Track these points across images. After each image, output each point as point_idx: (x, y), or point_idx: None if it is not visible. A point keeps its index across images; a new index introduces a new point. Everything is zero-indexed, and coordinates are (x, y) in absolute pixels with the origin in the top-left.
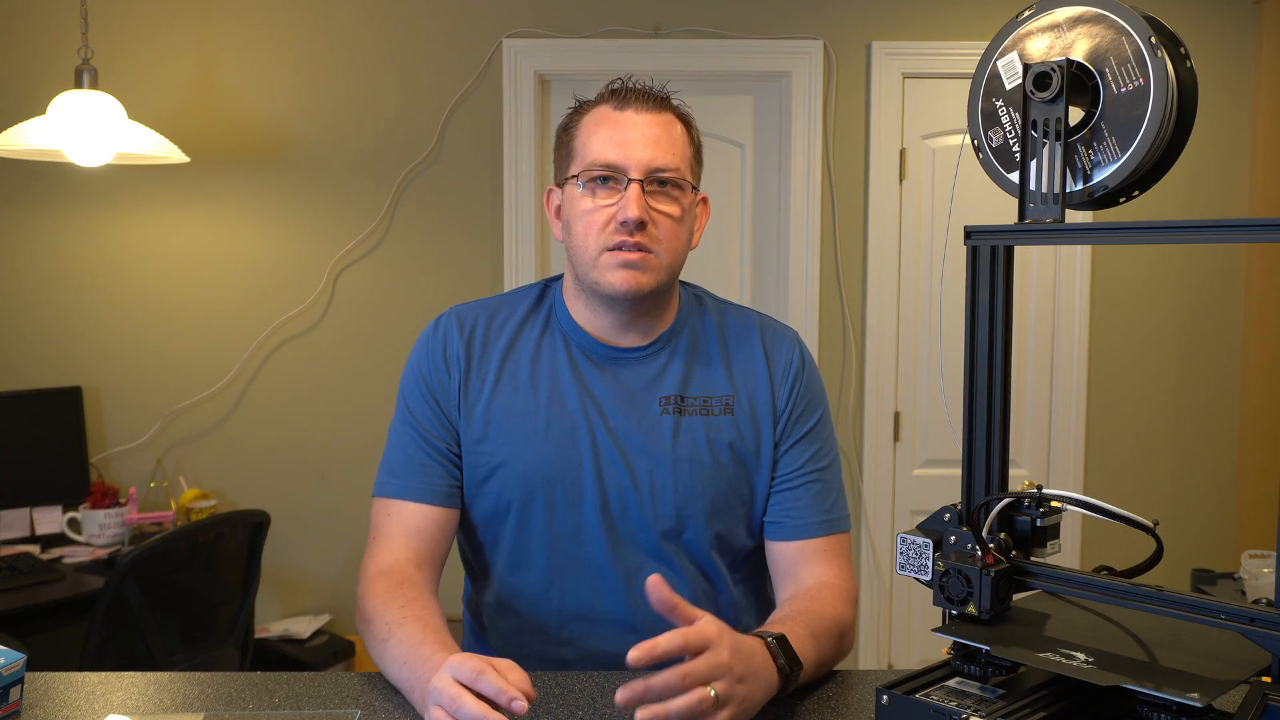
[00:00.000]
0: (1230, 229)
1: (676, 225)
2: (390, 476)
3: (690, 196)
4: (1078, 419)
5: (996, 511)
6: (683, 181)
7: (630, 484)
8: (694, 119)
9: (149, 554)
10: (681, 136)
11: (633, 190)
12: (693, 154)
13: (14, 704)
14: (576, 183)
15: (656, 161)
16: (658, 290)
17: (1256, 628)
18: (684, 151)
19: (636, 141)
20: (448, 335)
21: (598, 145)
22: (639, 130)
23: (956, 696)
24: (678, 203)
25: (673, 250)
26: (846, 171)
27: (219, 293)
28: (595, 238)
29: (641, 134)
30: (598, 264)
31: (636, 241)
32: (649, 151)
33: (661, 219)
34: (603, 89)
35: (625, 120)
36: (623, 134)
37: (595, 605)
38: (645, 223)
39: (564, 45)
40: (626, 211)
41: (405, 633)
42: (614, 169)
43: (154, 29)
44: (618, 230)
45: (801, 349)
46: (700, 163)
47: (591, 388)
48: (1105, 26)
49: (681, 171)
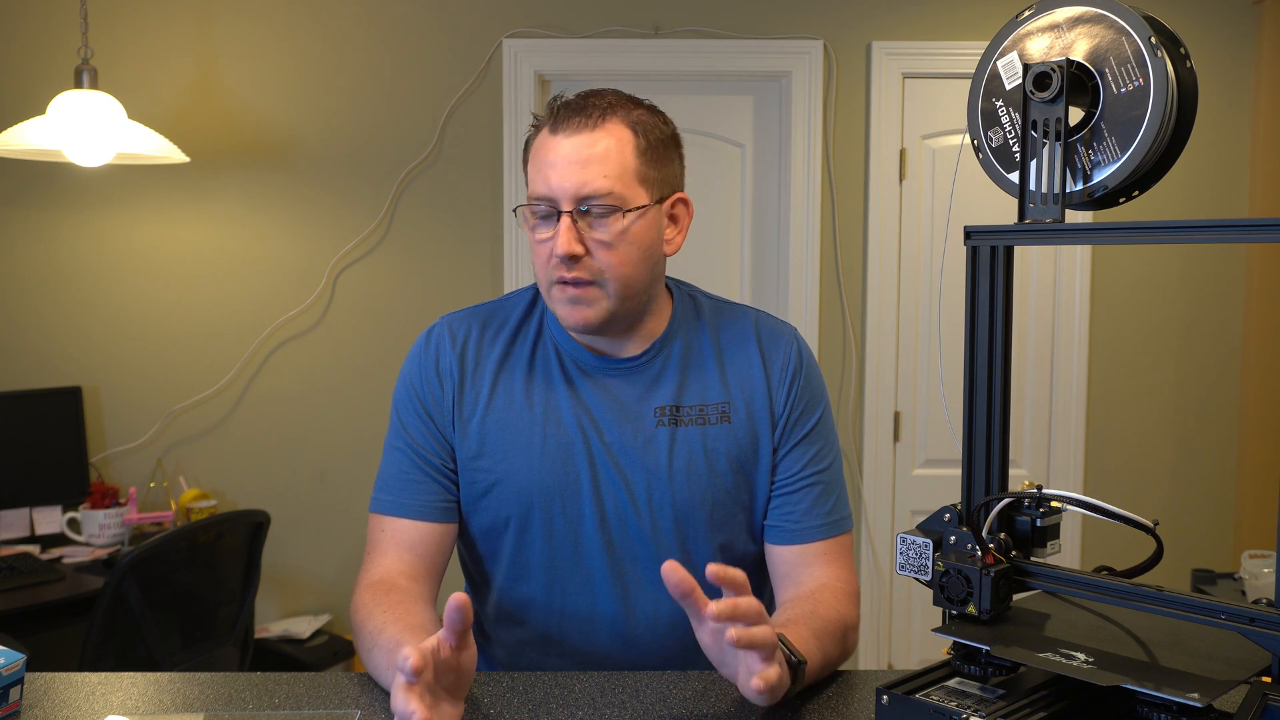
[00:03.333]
0: (1230, 229)
1: (618, 251)
2: (385, 492)
3: (632, 216)
4: (1078, 419)
5: (996, 511)
6: (619, 204)
7: (628, 499)
8: (654, 120)
9: (149, 554)
10: (622, 150)
11: (563, 223)
12: (640, 163)
13: (14, 704)
14: (524, 214)
15: (585, 189)
16: (613, 318)
17: (1256, 628)
18: (623, 167)
19: (565, 170)
20: (440, 347)
21: (533, 176)
22: (567, 156)
23: (956, 696)
24: (614, 228)
25: (620, 276)
26: (846, 171)
27: (219, 293)
28: (543, 272)
29: (571, 159)
30: (550, 298)
31: (575, 275)
32: (576, 179)
33: (600, 248)
34: (546, 105)
35: (555, 147)
36: (552, 163)
37: (595, 616)
38: (578, 256)
39: (564, 45)
40: (556, 247)
41: (386, 637)
42: (547, 201)
43: (154, 29)
44: (557, 265)
45: (799, 346)
46: (665, 162)
47: (586, 401)
48: (1105, 26)
49: (616, 193)
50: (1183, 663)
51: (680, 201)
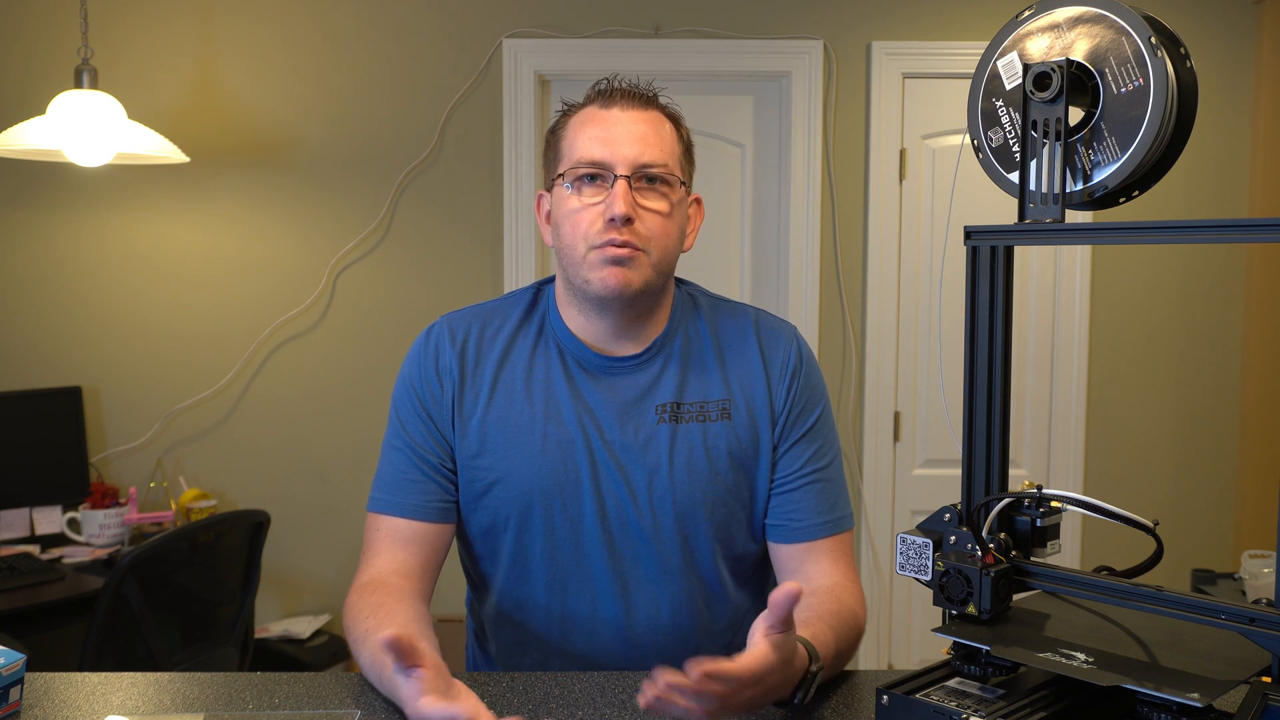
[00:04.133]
0: (1230, 229)
1: (666, 222)
2: (382, 492)
3: (680, 193)
4: (1078, 419)
5: (996, 511)
6: (671, 177)
7: (629, 497)
8: (683, 119)
9: (149, 554)
10: (670, 134)
11: (619, 186)
12: (682, 152)
13: (14, 704)
14: (564, 182)
15: (644, 157)
16: (647, 289)
17: (1256, 628)
18: (672, 148)
19: (623, 138)
20: (439, 346)
21: (583, 144)
22: (625, 127)
23: (956, 696)
24: (666, 199)
25: (662, 248)
26: (846, 171)
27: (219, 293)
28: (583, 236)
29: (628, 130)
30: (586, 262)
31: (625, 239)
32: (635, 148)
33: (650, 216)
34: (589, 90)
35: (611, 118)
36: (608, 131)
37: (596, 617)
38: (632, 219)
39: (564, 45)
40: (613, 208)
41: (374, 640)
42: (600, 166)
43: (154, 29)
44: (606, 228)
45: (799, 344)
46: (691, 162)
47: (587, 399)
48: (1105, 26)
49: (670, 167)
50: (1183, 663)
51: (696, 202)
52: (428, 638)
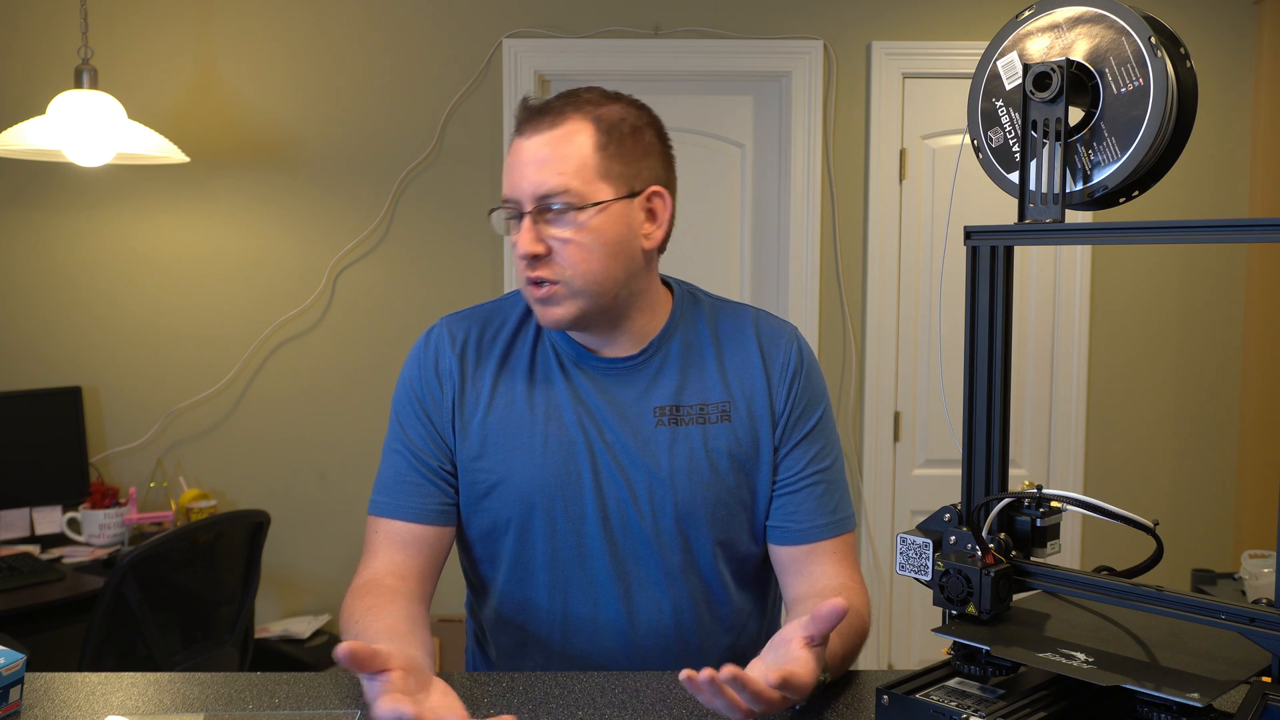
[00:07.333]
0: (1230, 229)
1: (579, 247)
2: (382, 495)
3: (591, 211)
4: (1078, 419)
5: (996, 511)
6: (577, 200)
7: (630, 498)
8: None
9: (149, 554)
10: (580, 146)
11: (524, 225)
12: (601, 159)
13: (14, 704)
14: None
15: (542, 188)
16: (584, 315)
17: (1256, 628)
18: (582, 163)
19: (524, 170)
20: (439, 349)
21: (504, 179)
22: (526, 157)
23: (956, 696)
24: (574, 224)
25: (585, 273)
26: (846, 171)
27: (219, 293)
28: (519, 273)
29: (529, 160)
30: (527, 298)
31: (538, 275)
32: (534, 179)
33: (561, 246)
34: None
35: (519, 149)
36: (514, 164)
37: (598, 618)
38: (539, 255)
39: (564, 45)
40: (519, 248)
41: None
42: (511, 203)
43: (154, 29)
44: (525, 266)
45: (799, 344)
46: (633, 158)
47: (587, 400)
48: (1105, 26)
49: (573, 190)
50: (1183, 663)
51: (656, 195)
52: (418, 638)
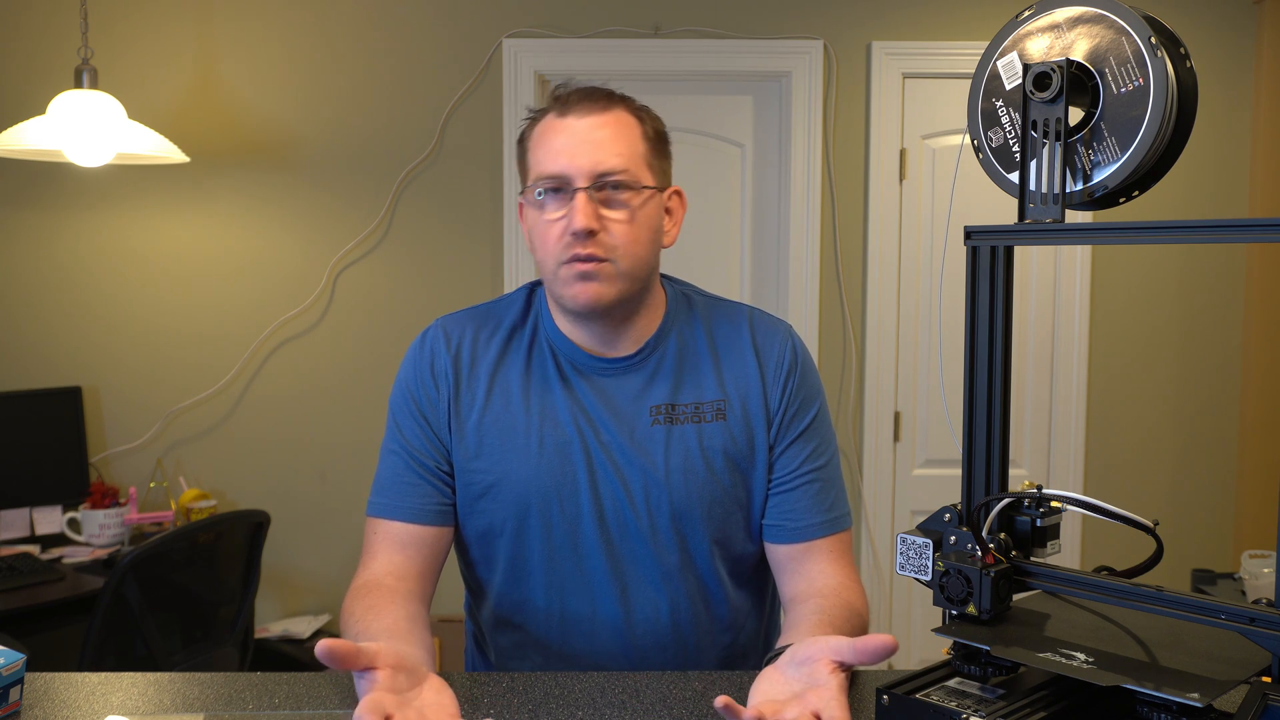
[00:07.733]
0: (1230, 229)
1: (631, 228)
2: (380, 496)
3: (644, 195)
4: (1078, 419)
5: (996, 511)
6: (633, 182)
7: (625, 498)
8: (648, 110)
9: (149, 554)
10: (631, 132)
11: (579, 199)
12: (648, 149)
13: (14, 704)
14: (531, 196)
15: (601, 166)
16: (622, 299)
17: (1256, 628)
18: (634, 149)
19: (579, 148)
20: (435, 350)
21: (543, 157)
22: (581, 135)
23: (956, 696)
24: (629, 205)
25: (632, 255)
26: (846, 171)
27: (219, 293)
28: (552, 252)
29: (584, 139)
30: (558, 277)
31: (589, 252)
32: (592, 157)
33: (614, 225)
34: (549, 95)
35: (568, 127)
36: (566, 142)
37: (596, 618)
38: (595, 231)
39: (564, 45)
40: (574, 222)
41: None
42: (560, 179)
43: (154, 29)
44: (570, 242)
45: (794, 343)
46: (664, 155)
47: (582, 400)
48: (1105, 26)
49: (631, 171)
50: (1183, 663)
51: (675, 194)
52: (418, 637)
